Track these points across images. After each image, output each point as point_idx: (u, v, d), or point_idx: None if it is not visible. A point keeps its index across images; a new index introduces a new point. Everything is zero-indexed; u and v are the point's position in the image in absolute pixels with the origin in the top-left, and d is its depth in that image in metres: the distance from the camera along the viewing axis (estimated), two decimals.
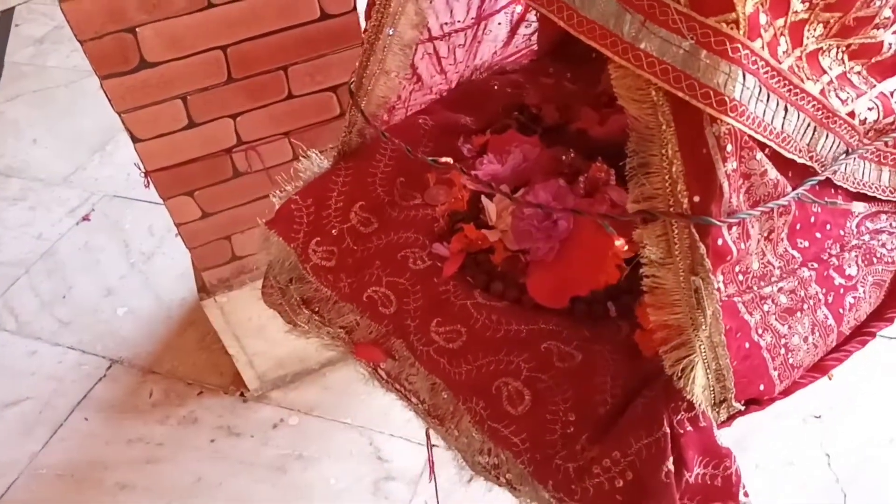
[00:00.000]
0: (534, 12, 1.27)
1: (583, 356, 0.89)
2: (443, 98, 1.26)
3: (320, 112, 1.49)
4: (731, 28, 0.63)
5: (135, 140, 1.39)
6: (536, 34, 1.34)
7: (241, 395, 1.88)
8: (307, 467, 1.71)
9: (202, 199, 1.51)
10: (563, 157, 1.09)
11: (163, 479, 1.70)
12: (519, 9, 1.24)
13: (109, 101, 1.33)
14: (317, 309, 1.12)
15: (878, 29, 0.80)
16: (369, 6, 0.96)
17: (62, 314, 2.08)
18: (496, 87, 1.28)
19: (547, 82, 1.31)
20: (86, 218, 2.38)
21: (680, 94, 0.65)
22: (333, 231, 1.08)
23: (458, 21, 1.13)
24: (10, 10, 3.43)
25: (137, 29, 1.25)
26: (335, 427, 1.79)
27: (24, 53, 3.22)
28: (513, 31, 1.27)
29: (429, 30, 1.09)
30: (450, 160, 1.01)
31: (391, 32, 1.00)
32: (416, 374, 1.01)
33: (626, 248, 0.88)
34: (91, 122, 2.73)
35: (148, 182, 1.46)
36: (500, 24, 1.23)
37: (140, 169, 1.45)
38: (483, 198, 1.04)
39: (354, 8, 1.37)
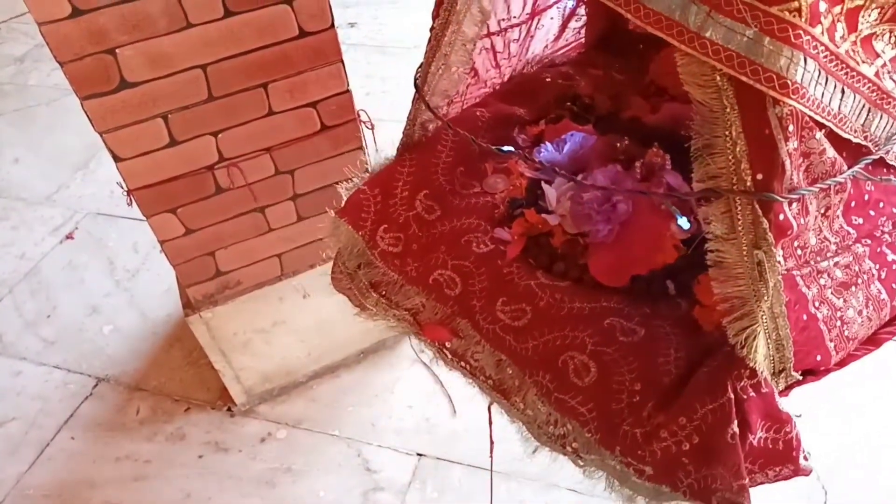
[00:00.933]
0: (583, 6, 1.32)
1: (645, 331, 0.94)
2: (496, 91, 1.31)
3: (301, 128, 1.51)
4: (794, 16, 0.67)
5: (116, 159, 1.40)
6: (585, 27, 1.39)
7: (229, 409, 1.88)
8: (296, 480, 1.72)
9: (185, 216, 1.52)
10: (618, 145, 1.14)
11: (151, 497, 1.69)
12: (571, 3, 1.29)
13: (90, 121, 1.34)
14: (384, 292, 1.18)
15: None
16: (437, 5, 1.02)
17: (47, 333, 2.07)
18: (548, 80, 1.33)
19: (596, 73, 1.36)
20: (69, 236, 2.37)
21: (744, 79, 0.70)
22: (400, 218, 1.14)
23: (514, 17, 1.19)
24: None
25: (117, 50, 1.27)
26: (323, 439, 1.80)
27: (5, 72, 3.22)
28: (564, 25, 1.32)
29: (487, 26, 1.14)
30: (511, 148, 1.07)
31: (453, 30, 1.05)
32: (481, 351, 1.07)
33: (687, 226, 0.92)
34: (73, 140, 2.71)
35: (131, 200, 1.47)
36: (552, 18, 1.28)
37: (122, 187, 1.45)
38: (543, 183, 1.09)
39: (332, 25, 1.40)
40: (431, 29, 1.04)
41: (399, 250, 1.14)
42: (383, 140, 1.62)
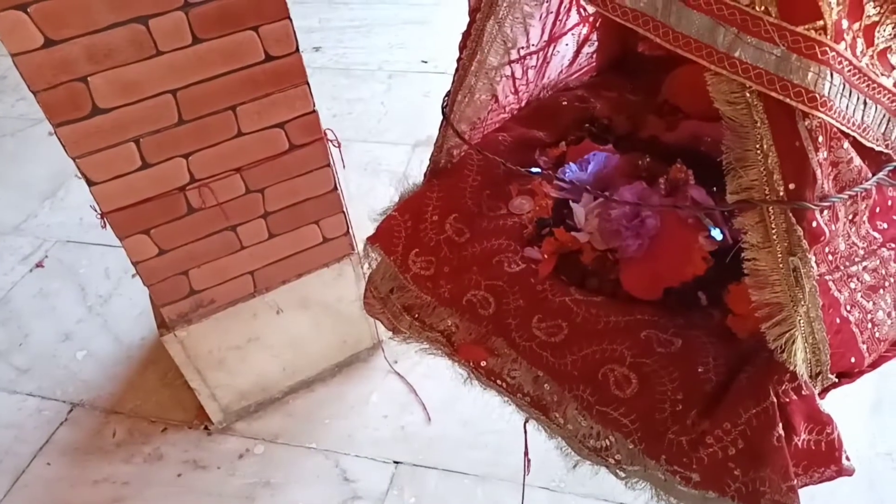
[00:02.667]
0: (596, 32, 1.37)
1: (682, 341, 0.96)
2: (515, 116, 1.35)
3: (269, 148, 1.55)
4: (820, 34, 0.71)
5: (90, 183, 1.42)
6: (596, 52, 1.44)
7: (206, 428, 1.89)
8: (275, 494, 1.74)
9: (158, 237, 1.54)
10: (640, 162, 1.18)
11: None
12: (585, 29, 1.33)
13: (64, 147, 1.37)
14: (417, 315, 1.20)
15: None
16: (465, 37, 1.06)
17: (19, 362, 2.07)
18: (565, 103, 1.38)
19: (610, 95, 1.40)
20: (39, 265, 2.37)
21: (773, 95, 0.74)
22: (431, 242, 1.17)
23: (533, 45, 1.23)
24: None
25: (89, 78, 1.30)
26: (301, 453, 1.82)
27: None
28: (578, 51, 1.37)
29: (509, 55, 1.18)
30: (539, 169, 1.10)
31: (478, 59, 1.10)
32: (518, 368, 1.09)
33: (720, 237, 0.95)
34: (40, 169, 2.73)
35: (105, 223, 1.49)
36: (567, 44, 1.33)
37: (96, 210, 1.48)
38: (571, 202, 1.13)
39: (297, 50, 1.45)
40: (458, 59, 1.08)
41: (431, 273, 1.17)
42: (350, 159, 1.68)
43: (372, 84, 3.00)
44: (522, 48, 1.23)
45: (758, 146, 0.78)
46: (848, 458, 0.87)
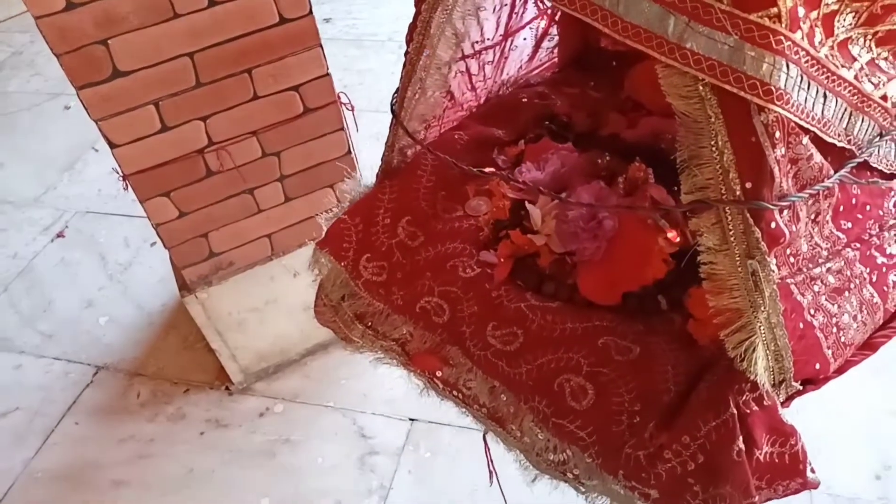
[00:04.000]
0: (556, 26, 1.32)
1: (640, 348, 0.92)
2: (473, 113, 1.30)
3: (284, 111, 1.57)
4: (774, 22, 0.67)
5: (112, 145, 1.46)
6: (558, 47, 1.39)
7: (227, 388, 1.93)
8: (295, 450, 1.77)
9: (178, 199, 1.58)
10: (599, 161, 1.13)
11: (156, 473, 1.75)
12: (543, 23, 1.29)
13: (87, 109, 1.40)
14: (370, 323, 1.15)
15: None
16: (411, 29, 1.01)
17: (44, 328, 2.14)
18: (524, 100, 1.33)
19: (572, 91, 1.35)
20: (60, 235, 2.43)
21: (727, 87, 0.69)
22: (383, 246, 1.12)
23: (488, 39, 1.18)
24: None
25: (109, 41, 1.33)
26: (319, 411, 1.86)
27: None
28: (537, 46, 1.32)
29: (462, 49, 1.13)
30: (493, 170, 1.05)
31: (428, 54, 1.04)
32: (473, 378, 1.04)
33: (677, 239, 0.91)
34: (58, 142, 2.80)
35: (126, 185, 1.53)
36: (525, 39, 1.28)
37: (118, 173, 1.52)
38: (527, 204, 1.08)
39: (310, 12, 1.47)
40: (406, 54, 1.03)
41: (383, 279, 1.11)
42: (361, 129, 1.72)
43: (382, 54, 3.07)
44: (477, 42, 1.18)
45: (712, 143, 0.73)
46: (813, 471, 0.83)
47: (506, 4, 1.15)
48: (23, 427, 1.88)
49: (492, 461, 1.23)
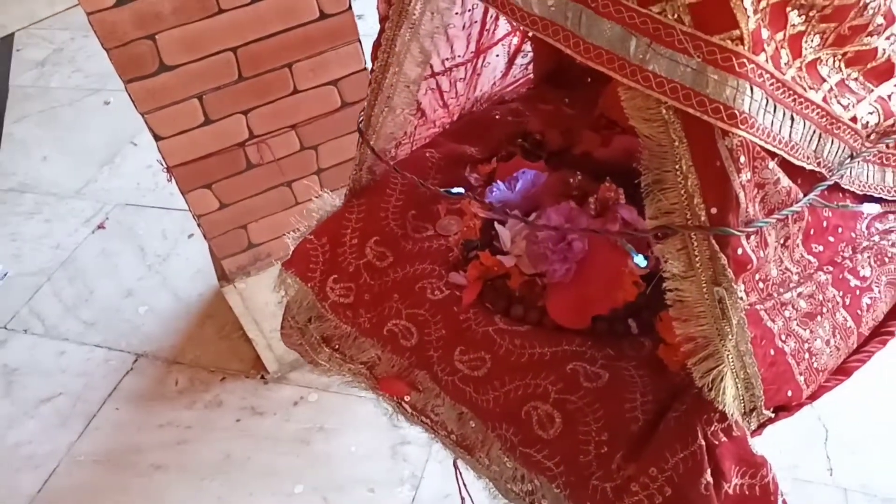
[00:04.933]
0: (529, 43, 1.30)
1: (609, 374, 0.89)
2: (446, 130, 1.28)
3: (323, 105, 1.61)
4: (736, 44, 0.65)
5: (157, 138, 1.50)
6: (532, 63, 1.37)
7: (262, 377, 1.97)
8: (329, 438, 1.81)
9: (219, 191, 1.62)
10: (571, 180, 1.11)
11: (194, 458, 1.79)
12: (516, 40, 1.27)
13: (134, 103, 1.44)
14: (337, 346, 1.12)
15: (871, 36, 0.82)
16: (375, 47, 0.98)
17: (86, 316, 2.20)
18: (497, 117, 1.31)
19: (546, 109, 1.34)
20: (101, 226, 2.50)
21: (691, 111, 0.67)
22: (350, 267, 1.09)
23: (459, 56, 1.16)
24: (11, 36, 3.63)
25: (156, 35, 1.38)
26: (352, 401, 1.88)
27: (28, 76, 3.39)
28: (510, 62, 1.30)
29: (431, 66, 1.11)
30: (461, 190, 1.03)
31: (394, 72, 1.02)
32: (441, 404, 1.01)
33: (644, 264, 0.89)
34: (97, 137, 2.88)
35: (170, 177, 1.57)
36: (497, 55, 1.26)
37: (162, 164, 1.56)
38: (496, 224, 1.05)
39: (349, 7, 1.52)
40: (371, 71, 1.01)
41: (351, 301, 1.09)
42: None
43: None
44: (447, 59, 1.16)
45: (676, 167, 0.71)
46: (785, 502, 0.81)
47: (476, 22, 1.13)
48: (66, 411, 1.94)
49: (465, 486, 1.21)
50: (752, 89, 0.67)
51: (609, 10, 0.69)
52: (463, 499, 1.21)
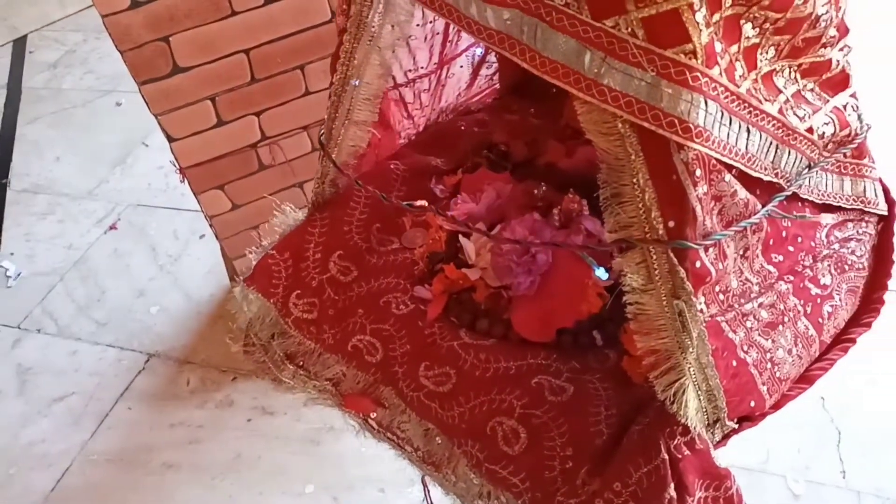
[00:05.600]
0: (494, 53, 1.30)
1: (574, 388, 0.89)
2: (412, 142, 1.27)
3: None
4: (690, 58, 0.65)
5: (170, 139, 1.51)
6: (497, 74, 1.37)
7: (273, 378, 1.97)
8: (339, 438, 1.78)
9: (232, 192, 1.64)
10: (536, 191, 1.11)
11: (205, 457, 1.79)
12: (479, 51, 1.26)
13: (147, 104, 1.45)
14: (301, 363, 1.10)
15: (825, 48, 0.83)
16: (334, 59, 0.97)
17: (98, 316, 2.20)
18: (463, 128, 1.30)
19: (512, 119, 1.33)
20: (113, 227, 2.50)
21: (646, 125, 0.67)
22: (313, 283, 1.07)
23: (422, 67, 1.15)
24: (23, 38, 3.63)
25: (170, 38, 1.39)
26: None
27: (40, 78, 3.40)
28: (475, 73, 1.30)
29: (394, 78, 1.10)
30: (424, 203, 1.02)
31: (356, 84, 1.01)
32: (407, 420, 1.00)
33: (605, 276, 0.88)
34: (109, 138, 2.89)
35: (183, 178, 1.58)
36: (461, 66, 1.26)
37: (175, 166, 1.57)
38: (461, 237, 1.05)
39: None
40: (331, 84, 0.99)
41: (314, 317, 1.07)
42: None
43: None
44: (410, 71, 1.15)
45: (634, 180, 0.71)
46: None
47: (438, 33, 1.13)
48: (79, 410, 1.94)
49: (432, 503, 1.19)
50: (706, 102, 0.67)
51: (564, 24, 0.69)
52: None
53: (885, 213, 1.05)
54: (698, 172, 0.69)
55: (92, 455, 1.82)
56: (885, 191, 1.05)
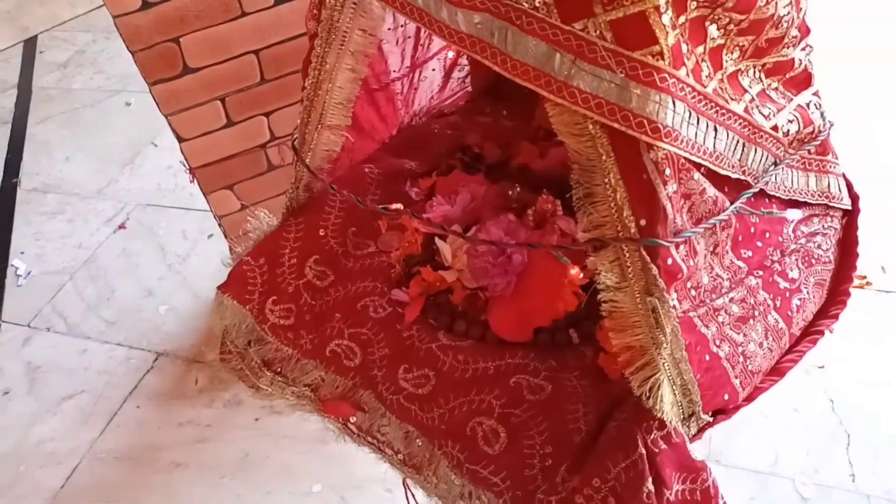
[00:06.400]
0: (465, 56, 1.31)
1: (552, 386, 0.90)
2: (385, 145, 1.27)
3: None
4: (657, 59, 0.66)
5: (180, 139, 1.51)
6: (469, 76, 1.38)
7: None
8: (346, 438, 1.77)
9: (241, 192, 1.63)
10: (510, 193, 1.12)
11: (213, 456, 1.79)
12: (451, 54, 1.27)
13: (157, 104, 1.45)
14: (279, 369, 1.10)
15: (787, 47, 0.85)
16: (305, 64, 0.97)
17: (108, 315, 2.21)
18: (436, 130, 1.31)
19: (485, 121, 1.34)
20: (122, 226, 2.52)
21: (616, 126, 0.68)
22: (289, 288, 1.07)
23: (394, 71, 1.16)
24: (34, 38, 3.68)
25: (181, 38, 1.39)
26: None
27: (50, 78, 3.42)
28: (447, 76, 1.31)
29: (367, 82, 1.10)
30: (400, 206, 1.02)
31: (326, 89, 1.01)
32: (387, 424, 1.00)
33: (581, 275, 0.90)
34: (118, 138, 2.91)
35: (193, 178, 1.58)
36: (434, 70, 1.26)
37: (185, 166, 1.57)
38: (437, 239, 1.05)
39: None
40: (303, 89, 0.99)
41: (291, 322, 1.06)
42: None
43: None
44: (383, 74, 1.15)
45: (605, 180, 0.72)
46: None
47: (409, 37, 1.13)
48: (88, 408, 1.95)
49: None
50: (674, 103, 0.68)
51: (533, 28, 0.70)
52: None
53: (849, 208, 1.08)
54: (668, 171, 0.70)
55: (100, 453, 1.84)
56: (849, 186, 1.08)
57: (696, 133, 0.73)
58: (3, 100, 3.31)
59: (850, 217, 1.08)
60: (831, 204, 1.03)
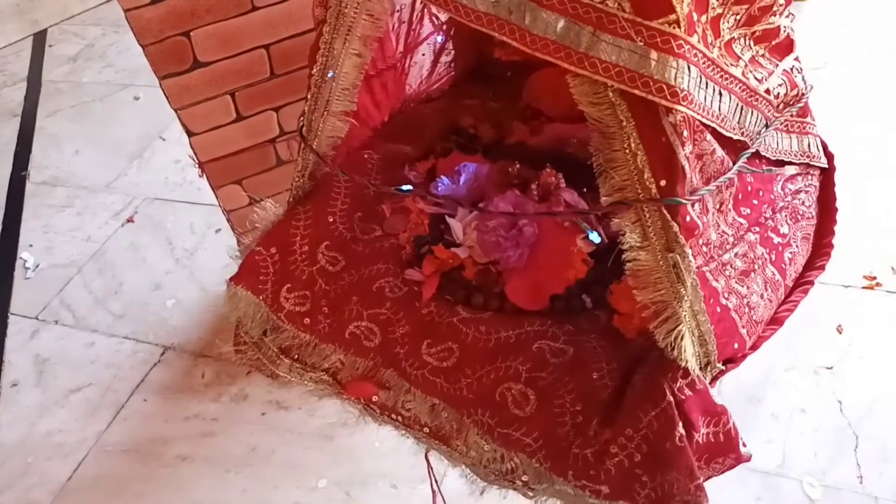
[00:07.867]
0: (451, 41, 1.34)
1: (573, 349, 0.94)
2: (379, 131, 1.29)
3: None
4: (674, 27, 0.70)
5: (190, 134, 1.51)
6: (453, 60, 1.41)
7: None
8: (353, 433, 1.79)
9: (250, 187, 1.64)
10: (510, 170, 1.15)
11: (219, 451, 1.80)
12: (440, 38, 1.30)
13: (168, 99, 1.45)
14: (297, 356, 1.11)
15: (775, 16, 0.91)
16: (313, 51, 0.98)
17: (115, 308, 2.22)
18: (428, 115, 1.33)
19: (472, 104, 1.38)
20: (130, 220, 2.53)
21: (636, 92, 0.72)
22: (303, 275, 1.08)
23: (389, 57, 1.18)
24: (44, 32, 3.69)
25: (191, 32, 1.39)
26: None
27: (60, 71, 3.41)
28: (435, 60, 1.33)
29: (365, 68, 1.12)
30: (410, 187, 1.05)
31: (331, 75, 1.03)
32: (412, 399, 1.03)
33: (598, 240, 0.94)
34: (128, 131, 2.91)
35: (202, 172, 1.58)
36: (423, 55, 1.28)
37: (194, 161, 1.57)
38: (447, 217, 1.08)
39: None
40: (310, 76, 1.00)
41: (307, 309, 1.08)
42: None
43: None
44: (379, 61, 1.17)
45: (626, 146, 0.76)
46: (744, 445, 0.88)
47: (403, 22, 1.15)
48: (95, 402, 1.95)
49: (436, 480, 1.22)
50: (689, 68, 0.73)
51: (552, 3, 0.73)
52: (434, 492, 1.23)
53: (826, 166, 1.15)
54: (685, 133, 0.75)
55: (107, 446, 1.84)
56: (824, 146, 1.16)
57: (705, 97, 0.78)
58: (12, 93, 3.29)
59: (827, 175, 1.16)
60: (812, 163, 1.10)
